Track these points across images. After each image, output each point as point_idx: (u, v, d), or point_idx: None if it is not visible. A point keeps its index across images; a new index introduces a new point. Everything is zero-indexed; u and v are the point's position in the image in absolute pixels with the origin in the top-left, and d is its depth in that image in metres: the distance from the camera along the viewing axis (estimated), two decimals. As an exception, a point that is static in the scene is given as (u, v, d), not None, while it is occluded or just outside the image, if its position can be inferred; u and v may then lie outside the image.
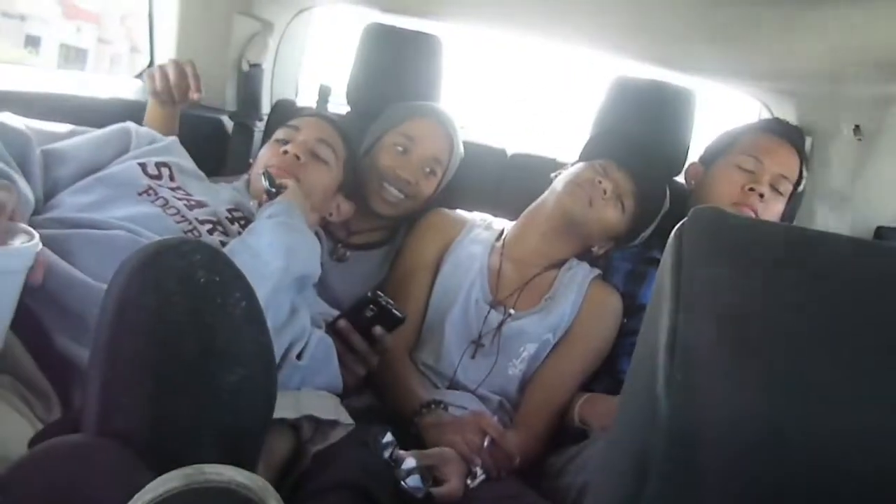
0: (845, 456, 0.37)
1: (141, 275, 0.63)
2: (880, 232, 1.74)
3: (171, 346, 0.62)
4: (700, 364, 0.40)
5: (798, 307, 0.42)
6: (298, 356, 1.11)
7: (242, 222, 1.26)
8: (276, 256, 1.10)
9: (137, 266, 0.64)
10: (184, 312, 0.63)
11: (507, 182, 1.86)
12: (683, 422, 0.39)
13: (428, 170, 1.59)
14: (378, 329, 1.24)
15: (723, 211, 0.48)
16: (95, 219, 1.07)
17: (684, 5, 1.40)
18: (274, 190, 1.26)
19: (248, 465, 0.62)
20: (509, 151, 1.92)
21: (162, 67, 1.46)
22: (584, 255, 1.57)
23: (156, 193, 1.19)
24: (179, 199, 1.21)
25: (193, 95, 1.46)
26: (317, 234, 1.38)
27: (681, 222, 0.47)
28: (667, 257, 0.46)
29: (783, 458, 0.37)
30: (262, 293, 1.00)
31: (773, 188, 1.53)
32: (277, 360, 1.05)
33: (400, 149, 1.57)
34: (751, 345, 0.40)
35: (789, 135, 1.59)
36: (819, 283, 0.44)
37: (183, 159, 1.34)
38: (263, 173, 1.29)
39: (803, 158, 1.60)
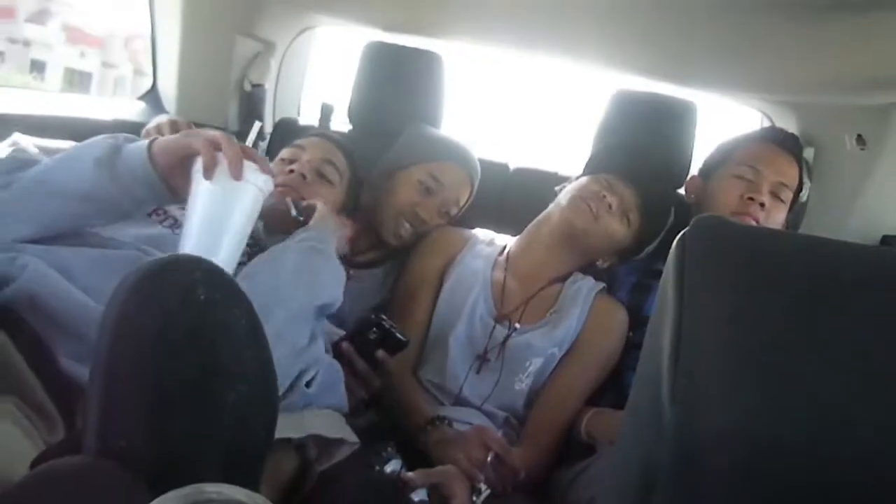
0: (849, 465, 0.36)
1: (140, 293, 0.63)
2: (886, 241, 1.73)
3: (170, 364, 0.61)
4: (705, 372, 0.39)
5: (802, 315, 0.41)
6: (308, 384, 1.09)
7: (250, 241, 1.26)
8: (298, 283, 1.08)
9: (136, 284, 0.63)
10: (184, 330, 0.62)
11: (509, 197, 1.85)
12: (689, 431, 0.38)
13: (444, 211, 1.61)
14: (381, 353, 1.23)
15: (725, 219, 0.48)
16: (103, 236, 1.07)
17: (685, 19, 1.40)
18: (302, 218, 1.24)
19: (251, 483, 0.61)
20: (511, 166, 1.93)
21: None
22: (588, 268, 1.56)
23: (165, 213, 1.19)
24: None
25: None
26: None
27: (683, 231, 0.47)
28: (670, 266, 0.46)
29: (788, 468, 0.36)
30: (278, 317, 0.99)
31: (774, 196, 1.52)
32: (288, 385, 1.04)
33: (424, 188, 1.57)
34: (755, 353, 0.40)
35: (786, 142, 1.58)
36: (823, 290, 0.43)
37: None
38: (292, 203, 1.27)
39: (802, 165, 1.59)
